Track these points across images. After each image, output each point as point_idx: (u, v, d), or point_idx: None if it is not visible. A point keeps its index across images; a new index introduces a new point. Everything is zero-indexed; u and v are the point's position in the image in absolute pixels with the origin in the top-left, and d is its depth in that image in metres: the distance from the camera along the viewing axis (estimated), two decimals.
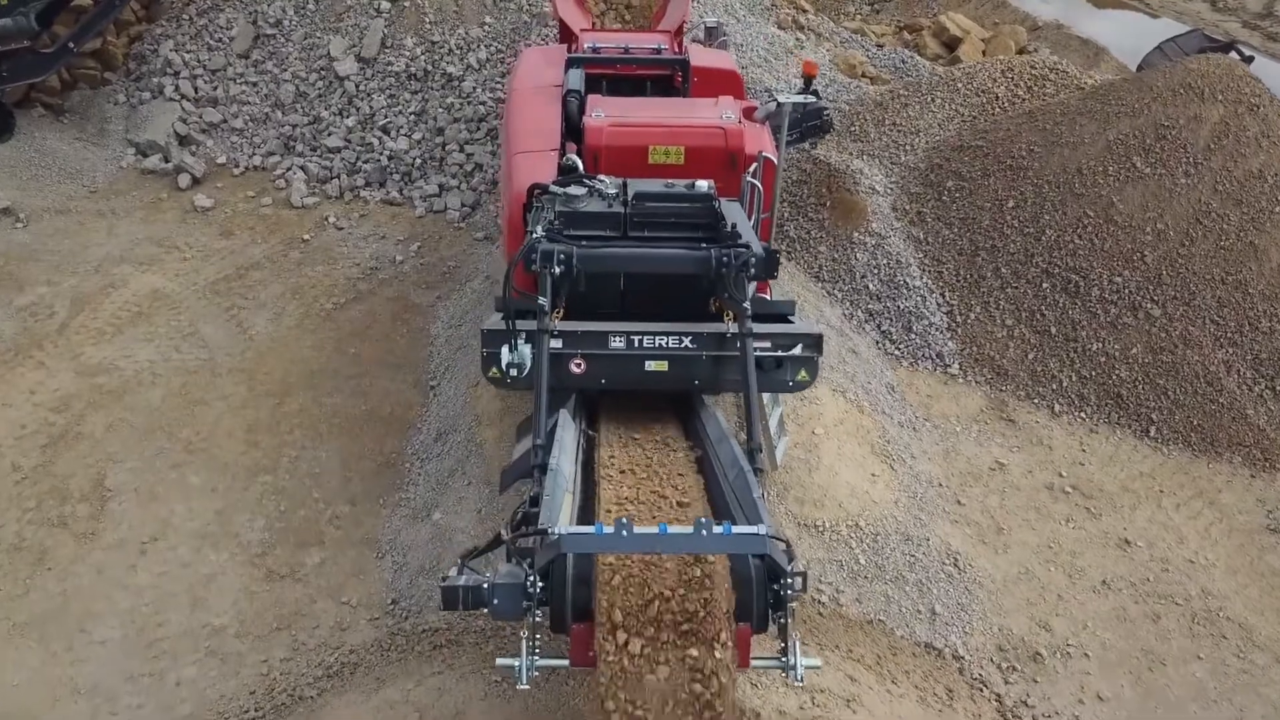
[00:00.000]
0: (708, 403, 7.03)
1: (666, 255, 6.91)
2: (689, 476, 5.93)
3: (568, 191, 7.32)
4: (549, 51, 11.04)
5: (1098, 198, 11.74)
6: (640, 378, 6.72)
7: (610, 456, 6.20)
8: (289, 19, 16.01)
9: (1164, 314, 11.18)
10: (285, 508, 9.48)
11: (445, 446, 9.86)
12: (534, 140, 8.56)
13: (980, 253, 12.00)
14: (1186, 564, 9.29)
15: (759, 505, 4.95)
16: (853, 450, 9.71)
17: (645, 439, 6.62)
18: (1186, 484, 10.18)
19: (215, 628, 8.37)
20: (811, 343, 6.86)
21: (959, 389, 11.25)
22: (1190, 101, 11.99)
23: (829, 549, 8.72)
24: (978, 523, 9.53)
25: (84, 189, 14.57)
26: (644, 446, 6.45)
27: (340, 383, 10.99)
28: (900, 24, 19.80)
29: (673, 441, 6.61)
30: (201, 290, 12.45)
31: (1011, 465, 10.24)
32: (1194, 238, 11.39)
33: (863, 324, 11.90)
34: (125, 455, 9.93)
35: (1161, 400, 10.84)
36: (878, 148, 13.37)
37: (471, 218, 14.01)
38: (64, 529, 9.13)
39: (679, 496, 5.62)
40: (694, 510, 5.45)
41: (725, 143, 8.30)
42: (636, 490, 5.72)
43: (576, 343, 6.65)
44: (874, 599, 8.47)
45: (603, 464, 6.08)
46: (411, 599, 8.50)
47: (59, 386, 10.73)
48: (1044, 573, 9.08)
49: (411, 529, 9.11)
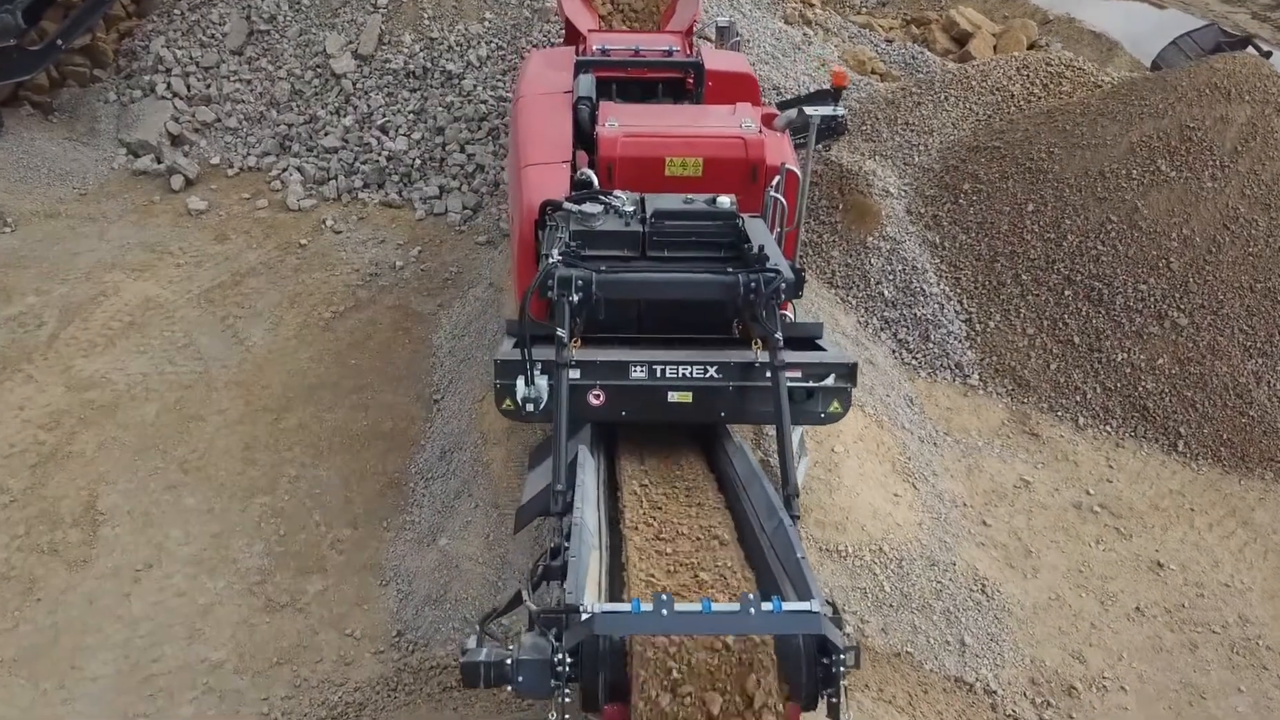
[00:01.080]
0: (732, 433, 6.66)
1: (691, 281, 6.53)
2: (724, 530, 5.53)
3: (583, 209, 6.94)
4: (556, 54, 10.63)
5: (1121, 202, 11.38)
6: (663, 409, 6.34)
7: (637, 508, 5.79)
8: (283, 14, 15.60)
9: (1191, 323, 10.82)
10: (285, 531, 9.11)
11: (450, 465, 9.49)
12: (545, 151, 8.17)
13: (999, 258, 11.64)
14: (1222, 588, 8.95)
15: (805, 570, 4.57)
16: (874, 469, 9.36)
17: (671, 480, 6.22)
18: (1218, 502, 9.83)
19: (213, 662, 7.99)
20: (845, 372, 6.48)
21: (979, 401, 10.90)
22: (1216, 102, 11.62)
23: (852, 576, 8.37)
24: (1005, 545, 9.18)
25: (74, 191, 14.18)
26: (671, 492, 6.06)
27: (340, 396, 10.62)
28: (908, 17, 19.43)
29: (701, 484, 6.22)
30: (196, 298, 12.06)
31: (1037, 483, 9.89)
32: (1221, 244, 11.03)
33: (878, 332, 11.55)
34: (118, 476, 9.56)
35: (1189, 413, 10.50)
36: (890, 148, 12.99)
37: (473, 220, 13.63)
38: (55, 556, 8.75)
39: (715, 558, 5.22)
40: (733, 575, 5.06)
41: (745, 154, 7.91)
42: (668, 547, 5.33)
43: (595, 373, 6.27)
44: (900, 629, 8.13)
45: (629, 516, 5.67)
46: (418, 630, 8.14)
47: (49, 402, 10.35)
48: (1075, 598, 8.74)
49: (416, 555, 8.74)
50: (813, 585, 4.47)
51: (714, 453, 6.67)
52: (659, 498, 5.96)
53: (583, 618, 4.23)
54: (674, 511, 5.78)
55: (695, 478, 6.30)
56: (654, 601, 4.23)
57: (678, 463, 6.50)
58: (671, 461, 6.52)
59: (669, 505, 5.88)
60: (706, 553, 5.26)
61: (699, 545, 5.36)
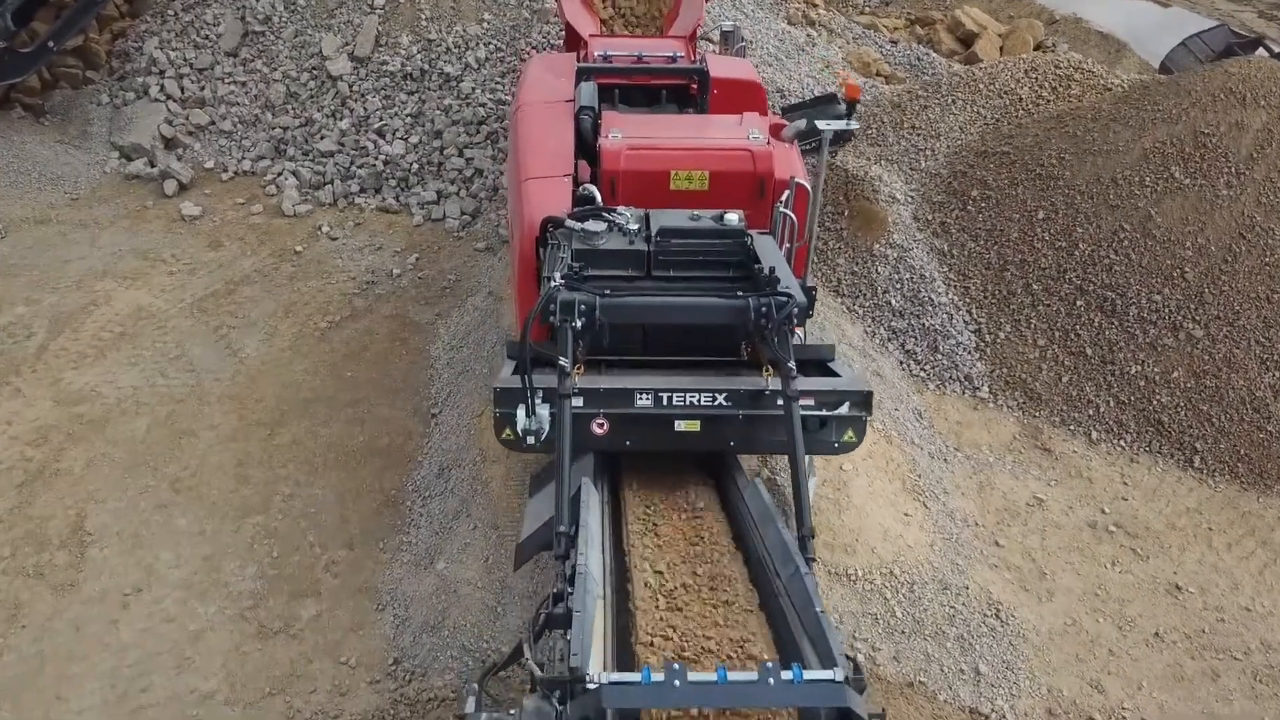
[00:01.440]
0: (742, 464, 6.40)
1: (699, 305, 6.25)
2: (737, 579, 5.25)
3: (585, 227, 6.67)
4: (557, 60, 10.36)
5: (1134, 210, 11.11)
6: (670, 438, 6.08)
7: (643, 551, 5.50)
8: (279, 15, 15.35)
9: (1206, 335, 10.56)
10: (278, 553, 8.85)
11: (448, 484, 9.23)
12: (546, 163, 7.90)
13: (1009, 267, 11.38)
14: (1243, 612, 8.70)
15: (826, 627, 4.29)
16: (883, 487, 9.11)
17: (679, 518, 5.95)
18: (1236, 521, 9.57)
19: (203, 693, 7.71)
20: (860, 400, 6.19)
21: (990, 414, 10.64)
22: (1231, 107, 11.36)
23: (862, 600, 8.12)
24: (1018, 567, 8.92)
25: (65, 196, 13.94)
26: (679, 531, 5.77)
27: (336, 410, 10.36)
28: (911, 17, 19.18)
29: (711, 523, 5.93)
30: (189, 307, 11.81)
31: (1050, 500, 9.63)
32: (1237, 253, 10.76)
33: (885, 343, 11.29)
34: (107, 494, 9.29)
35: (1205, 428, 10.24)
36: (896, 152, 12.73)
37: (472, 226, 13.37)
38: (40, 580, 8.49)
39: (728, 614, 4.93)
40: (747, 630, 4.78)
41: (753, 166, 7.63)
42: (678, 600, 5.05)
43: (599, 401, 6.01)
44: (913, 657, 7.87)
45: (636, 562, 5.38)
46: (415, 659, 7.87)
47: (37, 417, 10.09)
48: (1092, 624, 8.48)
49: (414, 578, 8.48)
50: (835, 646, 4.20)
51: (723, 483, 6.40)
52: (667, 536, 5.69)
53: (590, 686, 3.96)
54: (682, 554, 5.51)
55: (704, 516, 6.02)
56: (665, 670, 3.96)
57: (686, 496, 6.23)
58: (679, 495, 6.24)
59: (676, 544, 5.61)
60: (719, 608, 4.99)
61: (709, 598, 5.09)
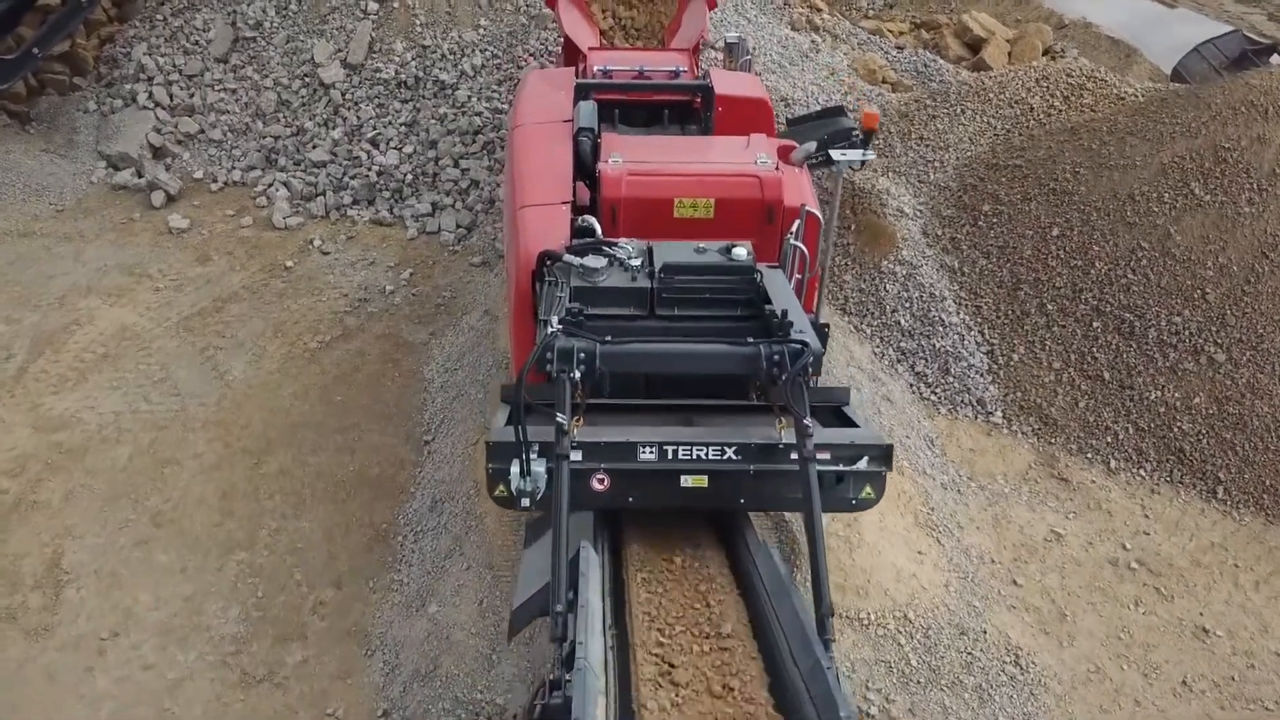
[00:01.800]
0: (753, 521, 6.01)
1: (706, 354, 5.84)
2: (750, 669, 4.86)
3: (584, 263, 6.27)
4: (556, 75, 9.94)
5: (1152, 227, 10.72)
6: (675, 495, 5.69)
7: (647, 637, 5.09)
8: (270, 20, 14.93)
9: (1229, 359, 10.17)
10: (263, 593, 8.48)
11: (441, 518, 8.85)
12: (543, 190, 7.47)
13: (1023, 286, 10.99)
14: (1273, 658, 8.32)
15: None
16: (895, 522, 8.72)
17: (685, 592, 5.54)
18: (1263, 556, 9.19)
19: None
20: (880, 455, 5.78)
21: (1004, 441, 10.26)
22: (1253, 120, 10.95)
23: (876, 647, 7.74)
24: (1038, 608, 8.55)
25: (50, 208, 13.55)
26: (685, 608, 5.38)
27: (325, 437, 9.98)
28: (916, 21, 18.74)
29: (720, 595, 5.53)
30: (174, 327, 11.41)
31: (1069, 535, 9.26)
32: (1260, 273, 10.37)
33: (895, 364, 10.91)
34: (85, 529, 8.92)
35: (1229, 456, 9.85)
36: (904, 164, 12.34)
37: (467, 240, 12.98)
38: (13, 623, 8.12)
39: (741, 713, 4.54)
40: None
41: (761, 194, 7.21)
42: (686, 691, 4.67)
43: (599, 455, 5.62)
44: (929, 710, 7.49)
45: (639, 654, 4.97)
46: (405, 710, 7.51)
47: (14, 445, 9.72)
48: (1116, 670, 8.11)
49: (404, 622, 8.10)
50: None
51: (732, 543, 6.00)
52: (671, 611, 5.30)
53: None
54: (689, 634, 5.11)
55: (713, 590, 5.60)
56: None
57: (692, 564, 5.82)
58: (687, 568, 5.82)
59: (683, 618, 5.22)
60: (732, 706, 4.59)
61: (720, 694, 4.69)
